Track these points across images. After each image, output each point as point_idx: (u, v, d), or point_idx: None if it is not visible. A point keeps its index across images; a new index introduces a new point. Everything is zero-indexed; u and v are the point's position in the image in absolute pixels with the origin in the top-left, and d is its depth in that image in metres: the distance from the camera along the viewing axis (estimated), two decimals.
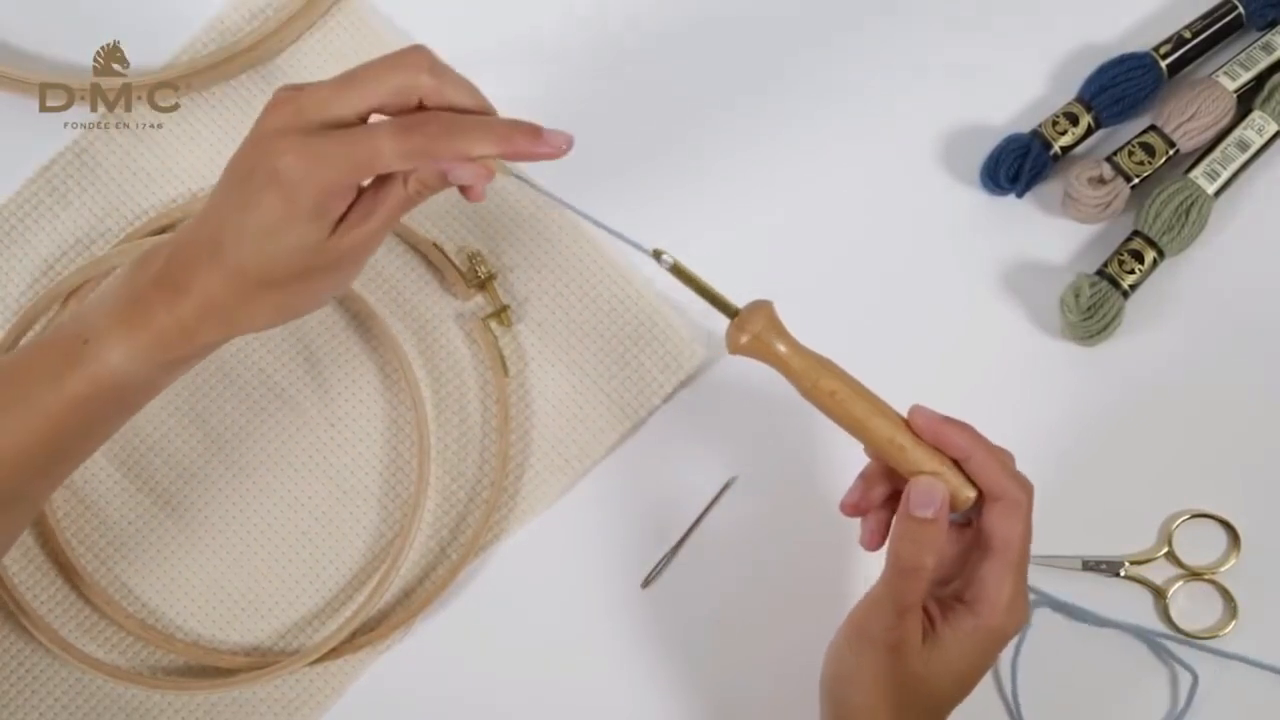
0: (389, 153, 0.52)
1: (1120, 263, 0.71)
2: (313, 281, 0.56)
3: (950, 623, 0.56)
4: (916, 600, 0.55)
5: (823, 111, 0.74)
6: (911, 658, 0.55)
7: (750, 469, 0.71)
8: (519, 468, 0.71)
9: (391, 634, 0.70)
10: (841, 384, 0.55)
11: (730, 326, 0.55)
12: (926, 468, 0.55)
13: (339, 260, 0.55)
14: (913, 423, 0.55)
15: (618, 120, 0.73)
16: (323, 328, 0.72)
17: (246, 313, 0.55)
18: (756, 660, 0.69)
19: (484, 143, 0.53)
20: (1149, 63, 0.73)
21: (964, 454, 0.55)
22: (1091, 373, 0.72)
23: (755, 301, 0.55)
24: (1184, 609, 0.71)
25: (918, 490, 0.55)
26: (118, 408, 0.57)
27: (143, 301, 0.55)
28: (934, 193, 0.74)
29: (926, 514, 0.54)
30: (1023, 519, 0.55)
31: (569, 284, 0.73)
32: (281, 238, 0.53)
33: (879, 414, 0.55)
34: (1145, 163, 0.72)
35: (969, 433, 0.56)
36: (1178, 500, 0.72)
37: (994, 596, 0.55)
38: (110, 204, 0.72)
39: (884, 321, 0.73)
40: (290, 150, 0.52)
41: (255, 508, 0.71)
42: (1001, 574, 0.55)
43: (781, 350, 0.54)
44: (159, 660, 0.70)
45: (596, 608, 0.71)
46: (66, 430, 0.56)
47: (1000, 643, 0.56)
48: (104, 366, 0.55)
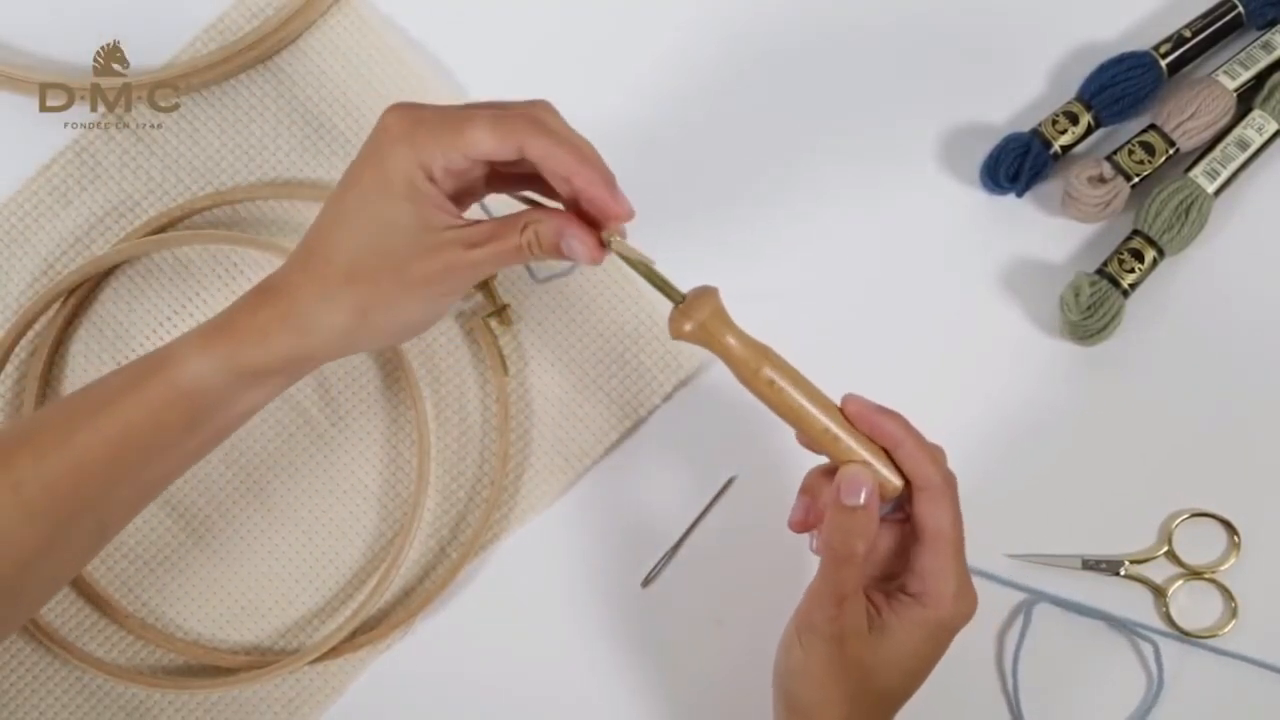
0: (482, 120, 0.51)
1: (1120, 262, 0.71)
2: (396, 286, 0.53)
3: (897, 613, 0.56)
4: (853, 589, 0.56)
5: (819, 110, 0.74)
6: (858, 647, 0.56)
7: (750, 468, 0.71)
8: (519, 467, 0.71)
9: (391, 633, 0.70)
10: (780, 373, 0.55)
11: (674, 312, 0.55)
12: (858, 458, 0.55)
13: (427, 272, 0.53)
14: (846, 410, 0.56)
15: (612, 121, 0.73)
16: None
17: (324, 314, 0.54)
18: (758, 661, 0.67)
19: (569, 157, 0.53)
20: (1149, 62, 0.73)
21: (895, 442, 0.56)
22: (1091, 372, 0.72)
23: (700, 287, 0.55)
24: (1184, 608, 0.71)
25: (845, 479, 0.55)
26: (190, 419, 0.55)
27: (229, 312, 0.56)
28: (933, 192, 0.73)
29: (854, 501, 0.55)
30: (949, 506, 0.56)
31: (569, 283, 0.72)
32: (372, 210, 0.52)
33: (815, 403, 0.55)
34: (1145, 162, 0.72)
35: (900, 421, 0.56)
36: (1177, 499, 0.71)
37: (938, 587, 0.56)
38: (111, 203, 0.72)
39: (882, 320, 0.72)
40: (393, 119, 0.52)
41: (255, 506, 0.71)
42: (941, 563, 0.56)
43: (724, 338, 0.54)
44: (159, 659, 0.70)
45: (596, 607, 0.70)
46: (139, 436, 0.55)
47: (950, 632, 0.57)
48: (180, 372, 0.54)
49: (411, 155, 0.52)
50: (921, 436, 0.57)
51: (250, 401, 0.57)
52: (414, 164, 0.52)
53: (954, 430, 0.61)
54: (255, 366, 0.55)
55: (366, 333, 0.55)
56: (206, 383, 0.55)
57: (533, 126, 0.52)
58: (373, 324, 0.55)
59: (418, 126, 0.52)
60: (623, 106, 0.73)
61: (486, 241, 0.54)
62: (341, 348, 0.56)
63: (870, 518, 0.55)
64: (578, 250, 0.54)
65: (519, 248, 0.54)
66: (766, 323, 0.58)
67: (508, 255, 0.54)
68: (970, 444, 0.69)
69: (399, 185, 0.53)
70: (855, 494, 0.55)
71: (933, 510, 0.56)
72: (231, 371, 0.55)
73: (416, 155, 0.52)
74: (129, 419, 0.55)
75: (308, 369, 0.57)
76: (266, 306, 0.55)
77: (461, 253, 0.54)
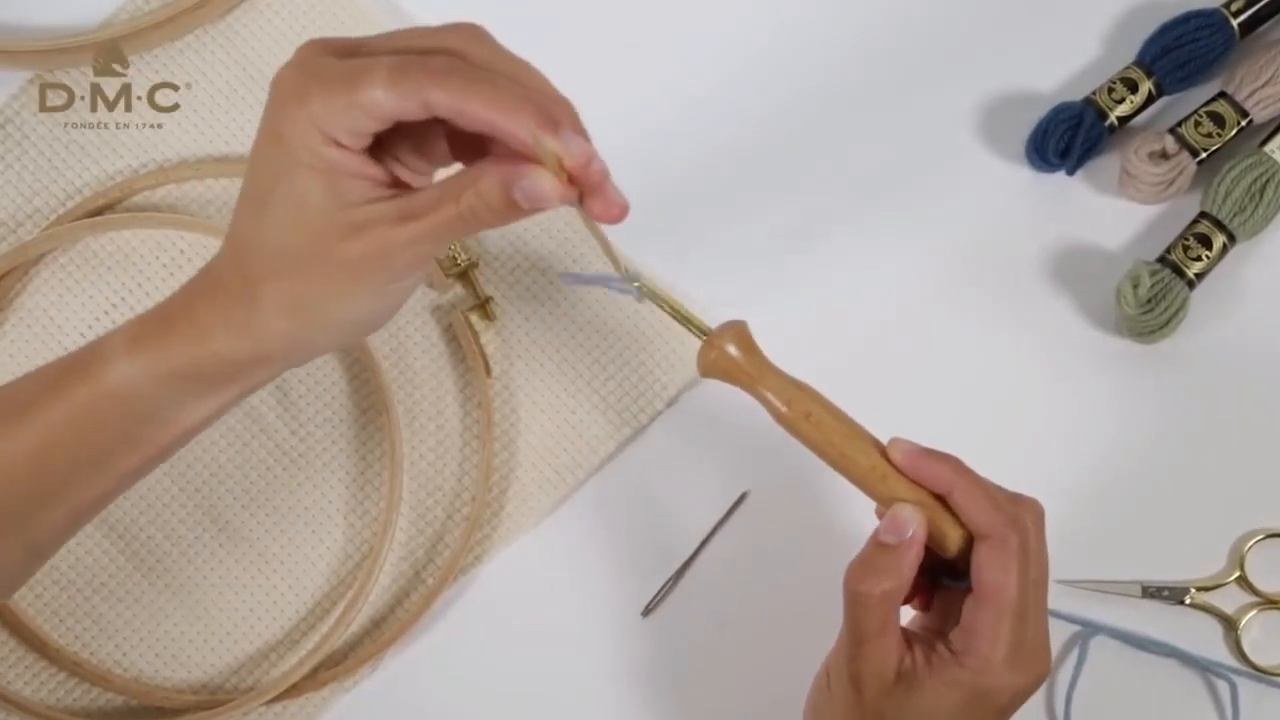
0: (380, 73, 0.46)
1: (1185, 249, 0.70)
2: (324, 276, 0.49)
3: (932, 668, 0.55)
4: (874, 631, 0.54)
5: (847, 79, 0.73)
6: (878, 696, 0.54)
7: (765, 483, 0.70)
8: (503, 480, 0.70)
9: (359, 669, 0.68)
10: (819, 406, 0.56)
11: (701, 346, 0.56)
12: (908, 499, 0.56)
13: (355, 255, 0.48)
14: (891, 456, 0.56)
15: (615, 109, 0.70)
16: None
17: (257, 315, 0.49)
18: (772, 701, 0.66)
19: (485, 106, 0.46)
20: (1219, 21, 0.71)
21: (946, 488, 0.55)
22: (1152, 373, 0.71)
23: (728, 322, 0.57)
24: (1258, 641, 0.69)
25: (891, 517, 0.55)
26: (124, 432, 0.52)
27: (166, 305, 0.52)
28: (974, 170, 0.73)
29: (889, 540, 0.54)
30: (1011, 559, 0.54)
31: (560, 273, 0.71)
32: (281, 190, 0.47)
33: (859, 439, 0.56)
34: (1214, 135, 0.70)
35: (951, 464, 0.55)
36: (1250, 519, 0.70)
37: (985, 649, 0.54)
38: (39, 181, 0.70)
39: (917, 316, 0.72)
40: (286, 75, 0.47)
41: (205, 526, 0.69)
42: (990, 623, 0.54)
43: (753, 371, 0.56)
44: (94, 699, 0.68)
45: (591, 639, 0.69)
46: (62, 444, 0.52)
47: (991, 705, 0.54)
48: (109, 373, 0.51)
49: (306, 118, 0.47)
50: (979, 480, 0.55)
51: (197, 413, 0.52)
52: (311, 128, 0.47)
53: (994, 440, 0.60)
54: (194, 371, 0.50)
55: (312, 333, 0.50)
56: (138, 388, 0.51)
57: (438, 75, 0.46)
58: (315, 323, 0.50)
59: (311, 83, 0.47)
60: (631, 81, 0.72)
61: (426, 213, 0.48)
62: (292, 352, 0.51)
63: (897, 559, 0.54)
64: (537, 192, 0.47)
65: (461, 215, 0.48)
66: (791, 319, 0.59)
67: (452, 225, 0.48)
68: (1013, 455, 0.65)
69: (301, 154, 0.47)
70: (894, 532, 0.54)
71: (990, 562, 0.54)
72: (166, 376, 0.50)
73: (311, 118, 0.47)
74: (51, 427, 0.51)
75: (263, 376, 0.52)
76: (205, 300, 0.50)
77: (393, 229, 0.48)
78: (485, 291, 0.70)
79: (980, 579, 0.54)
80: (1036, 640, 0.54)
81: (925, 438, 0.57)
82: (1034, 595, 0.54)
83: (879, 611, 0.54)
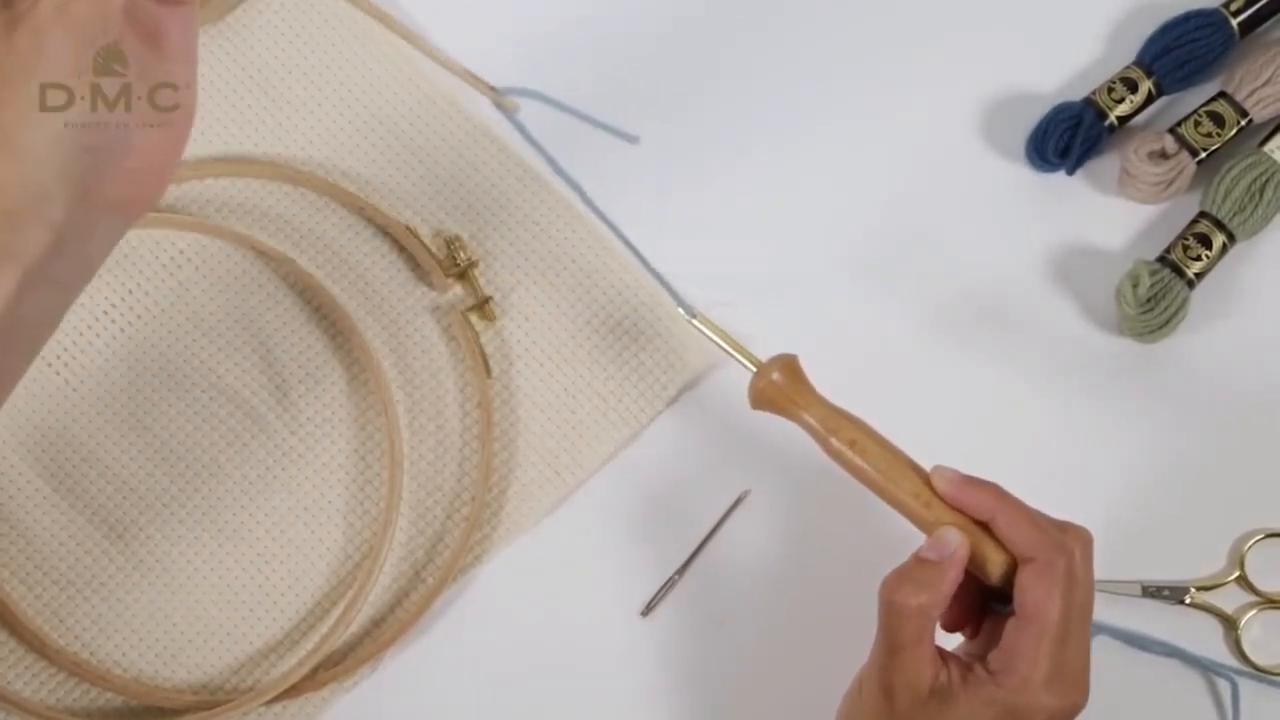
0: None
1: (1185, 248, 0.69)
2: None
3: (968, 685, 0.55)
4: (908, 642, 0.55)
5: (847, 79, 0.73)
6: (909, 709, 0.55)
7: (765, 482, 0.70)
8: (503, 480, 0.70)
9: (358, 669, 0.68)
10: (864, 435, 0.58)
11: (752, 377, 0.60)
12: (952, 525, 0.57)
13: None
14: (934, 484, 0.57)
15: (615, 77, 0.72)
16: (281, 323, 0.70)
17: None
18: (772, 699, 0.68)
19: None
20: (1218, 21, 0.71)
21: (989, 514, 0.56)
22: (1152, 373, 0.71)
23: (778, 355, 0.60)
24: (1258, 640, 0.69)
25: (936, 536, 0.56)
26: None
27: None
28: (972, 169, 0.72)
29: (930, 556, 0.56)
30: (1055, 583, 0.54)
31: (560, 273, 0.71)
32: None
33: (903, 467, 0.58)
34: (1214, 135, 0.70)
35: (993, 491, 0.57)
36: (1250, 519, 0.70)
37: (1023, 670, 0.54)
38: None
39: (915, 314, 0.71)
40: None
41: (204, 526, 0.69)
42: (1030, 644, 0.54)
43: (800, 400, 0.59)
44: (93, 700, 0.67)
45: (590, 639, 0.69)
46: None
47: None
48: None
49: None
50: (1022, 505, 0.57)
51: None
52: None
53: (994, 440, 0.62)
54: None
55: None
56: None
57: None
58: None
59: None
60: (636, 72, 0.72)
61: None
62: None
63: (937, 574, 0.55)
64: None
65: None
66: (784, 318, 0.62)
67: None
68: (1013, 455, 0.66)
69: None
70: (935, 550, 0.56)
71: (1033, 584, 0.54)
72: None
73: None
74: None
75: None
76: None
77: None
78: (485, 291, 0.70)
79: (1023, 600, 0.54)
80: (1077, 666, 0.54)
81: (925, 438, 0.59)
82: (1078, 620, 0.54)
83: (914, 623, 0.55)
